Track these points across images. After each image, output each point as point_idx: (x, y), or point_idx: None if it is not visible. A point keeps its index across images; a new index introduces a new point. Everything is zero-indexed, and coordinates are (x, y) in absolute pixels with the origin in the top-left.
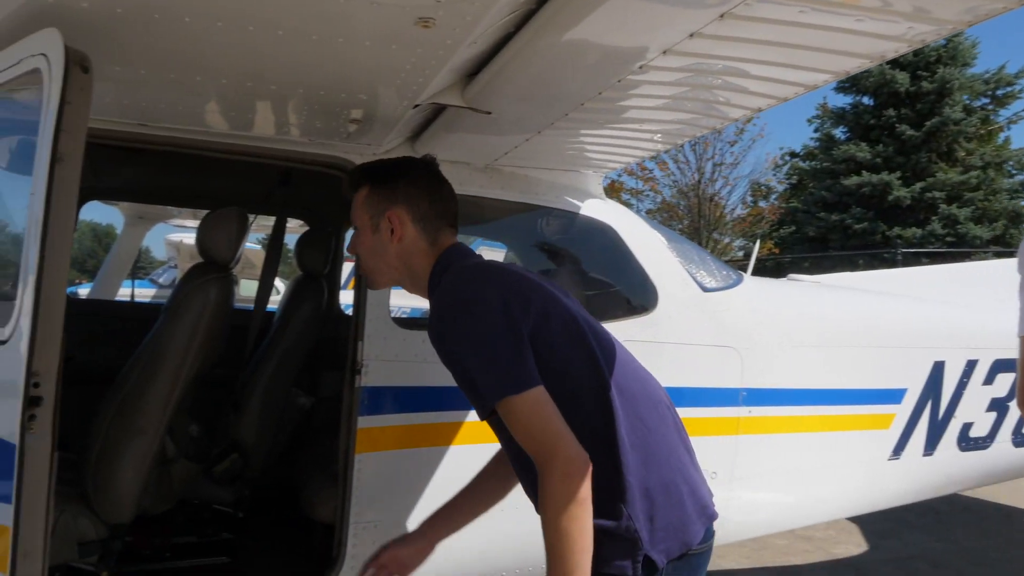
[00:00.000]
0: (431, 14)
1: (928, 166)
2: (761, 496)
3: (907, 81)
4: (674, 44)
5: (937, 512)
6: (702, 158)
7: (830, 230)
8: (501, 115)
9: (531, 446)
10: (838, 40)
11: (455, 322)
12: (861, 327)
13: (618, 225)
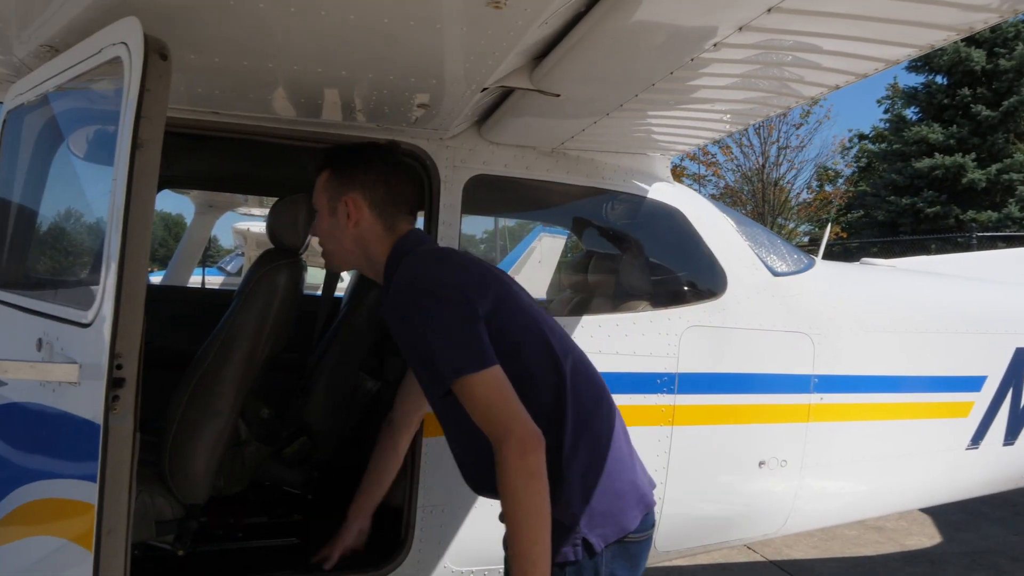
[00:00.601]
0: None
1: (1005, 147)
2: (831, 485)
3: (983, 59)
4: (751, 20)
5: (1014, 504)
6: (766, 142)
7: (900, 214)
8: (569, 97)
9: (488, 424)
10: (922, 11)
11: (416, 303)
12: (938, 312)
13: (686, 208)
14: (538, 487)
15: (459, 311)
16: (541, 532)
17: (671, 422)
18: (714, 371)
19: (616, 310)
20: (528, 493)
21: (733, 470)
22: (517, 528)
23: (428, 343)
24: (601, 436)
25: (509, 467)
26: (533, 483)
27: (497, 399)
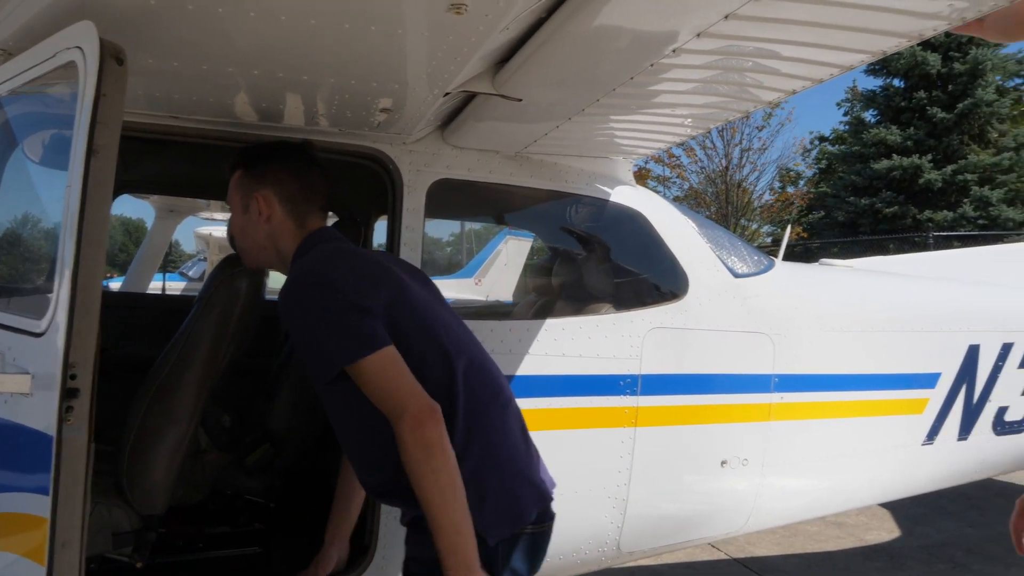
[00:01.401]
0: (463, 0)
1: (960, 148)
2: (792, 482)
3: (939, 62)
4: (708, 26)
5: (970, 498)
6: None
7: (860, 215)
8: (531, 102)
9: (386, 403)
10: (875, 19)
11: (307, 294)
12: (894, 311)
13: (648, 211)
14: (440, 457)
15: (348, 300)
16: (455, 501)
17: (634, 423)
18: (676, 372)
19: (580, 313)
20: (430, 465)
21: (696, 470)
22: (429, 503)
23: (318, 332)
24: (494, 435)
25: (406, 442)
26: (433, 454)
27: (390, 377)
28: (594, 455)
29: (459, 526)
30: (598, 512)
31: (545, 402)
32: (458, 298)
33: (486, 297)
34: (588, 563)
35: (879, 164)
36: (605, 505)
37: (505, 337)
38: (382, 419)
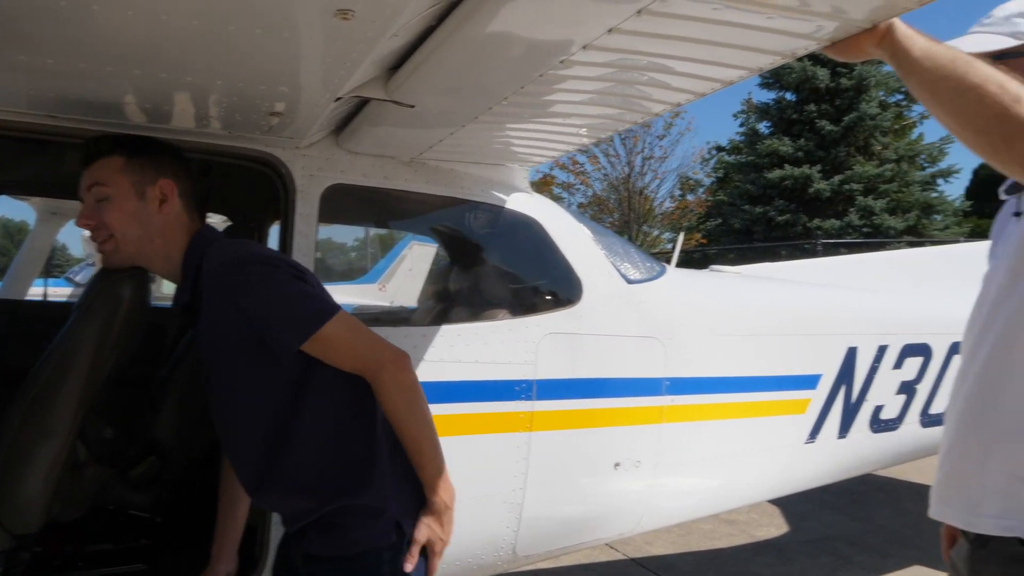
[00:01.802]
0: (350, 6)
1: (846, 160)
2: (685, 482)
3: (827, 77)
4: (593, 39)
5: (853, 492)
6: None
7: (754, 222)
8: (424, 109)
9: (362, 358)
10: (752, 37)
11: (255, 270)
12: (778, 316)
13: (543, 218)
14: (423, 398)
15: (295, 272)
16: (436, 438)
17: (530, 428)
18: (571, 377)
19: (476, 319)
20: (418, 405)
21: (590, 472)
22: (421, 444)
23: (279, 304)
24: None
25: (391, 389)
26: (418, 394)
27: (360, 332)
28: (490, 461)
29: (443, 464)
30: (494, 517)
31: (441, 408)
32: (361, 304)
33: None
34: (484, 568)
35: (772, 174)
36: (501, 510)
37: (401, 343)
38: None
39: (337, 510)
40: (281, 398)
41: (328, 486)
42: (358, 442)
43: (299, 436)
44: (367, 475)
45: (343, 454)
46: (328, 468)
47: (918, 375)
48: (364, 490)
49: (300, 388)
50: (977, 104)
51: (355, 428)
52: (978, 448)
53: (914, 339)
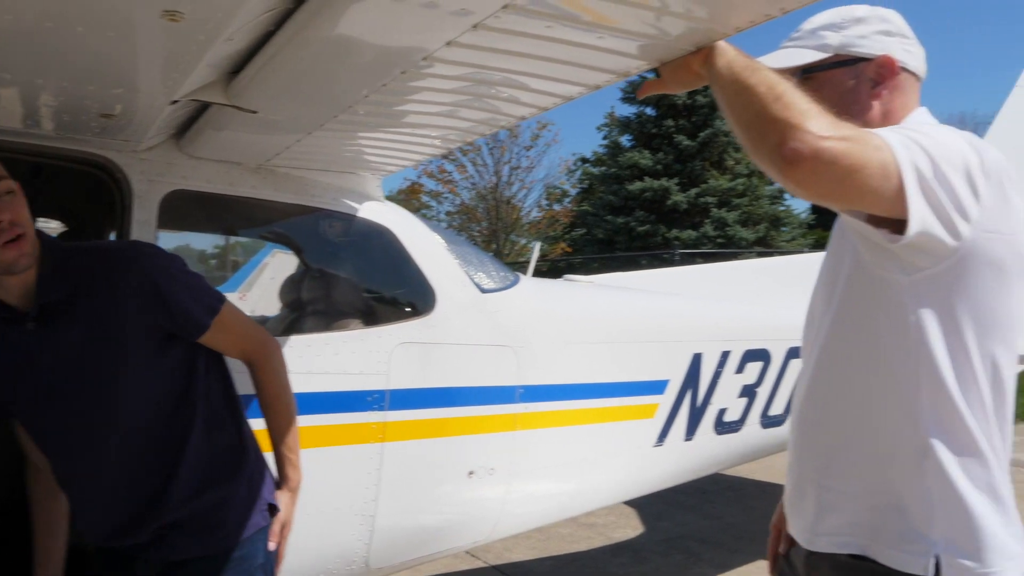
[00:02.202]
0: (178, 7)
1: (702, 173)
2: (540, 487)
3: (684, 94)
4: (433, 51)
5: (704, 492)
6: (499, 162)
7: (616, 232)
8: (267, 115)
9: (250, 339)
10: (586, 55)
11: (157, 263)
12: (628, 324)
13: (396, 227)
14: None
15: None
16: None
17: (382, 439)
18: (424, 386)
19: (327, 329)
20: (289, 384)
21: (443, 482)
22: (291, 420)
23: (187, 289)
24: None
25: (277, 365)
26: (288, 375)
27: (246, 318)
28: (341, 473)
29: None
30: (345, 530)
31: None
32: None
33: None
34: None
35: (633, 185)
36: (352, 522)
37: None
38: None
39: (213, 506)
40: (176, 389)
41: (205, 482)
42: (231, 430)
43: (195, 433)
44: (241, 461)
45: (219, 444)
46: (208, 462)
47: (758, 379)
48: (237, 478)
49: (191, 378)
50: (747, 101)
51: (228, 415)
52: (811, 464)
53: (754, 345)
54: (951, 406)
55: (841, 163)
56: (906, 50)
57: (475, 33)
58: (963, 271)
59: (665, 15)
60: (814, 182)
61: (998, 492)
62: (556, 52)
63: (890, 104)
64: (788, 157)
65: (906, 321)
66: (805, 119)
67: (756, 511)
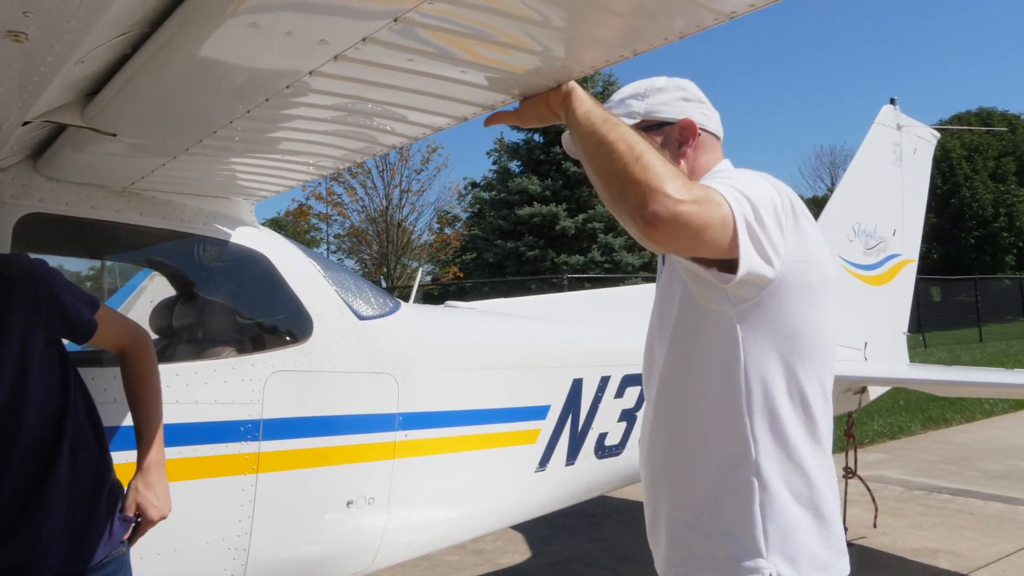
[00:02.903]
0: (21, 28)
1: (589, 199)
2: (422, 515)
3: None
4: (296, 80)
5: (591, 515)
6: (390, 185)
7: (506, 256)
8: (128, 138)
9: (125, 335)
10: (450, 88)
11: (47, 271)
12: (508, 350)
13: (271, 253)
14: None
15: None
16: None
17: (256, 470)
18: (300, 415)
19: (197, 357)
20: (159, 376)
21: (321, 513)
22: (157, 413)
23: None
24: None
25: (152, 356)
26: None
27: (114, 310)
28: (212, 506)
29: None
30: (217, 564)
31: None
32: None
33: None
34: None
35: (522, 210)
36: (224, 557)
37: (109, 385)
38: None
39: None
40: (54, 402)
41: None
42: (94, 449)
43: (64, 450)
44: (103, 480)
45: (84, 462)
46: (73, 479)
47: (637, 403)
48: (99, 497)
49: (65, 392)
50: (608, 158)
51: (92, 433)
52: (660, 496)
53: (633, 369)
54: (777, 427)
55: (694, 224)
56: (703, 114)
57: (336, 64)
58: (780, 297)
59: (524, 52)
60: (670, 241)
61: (819, 508)
62: (420, 84)
63: (695, 162)
64: (648, 219)
65: (734, 348)
66: (663, 182)
67: (641, 533)
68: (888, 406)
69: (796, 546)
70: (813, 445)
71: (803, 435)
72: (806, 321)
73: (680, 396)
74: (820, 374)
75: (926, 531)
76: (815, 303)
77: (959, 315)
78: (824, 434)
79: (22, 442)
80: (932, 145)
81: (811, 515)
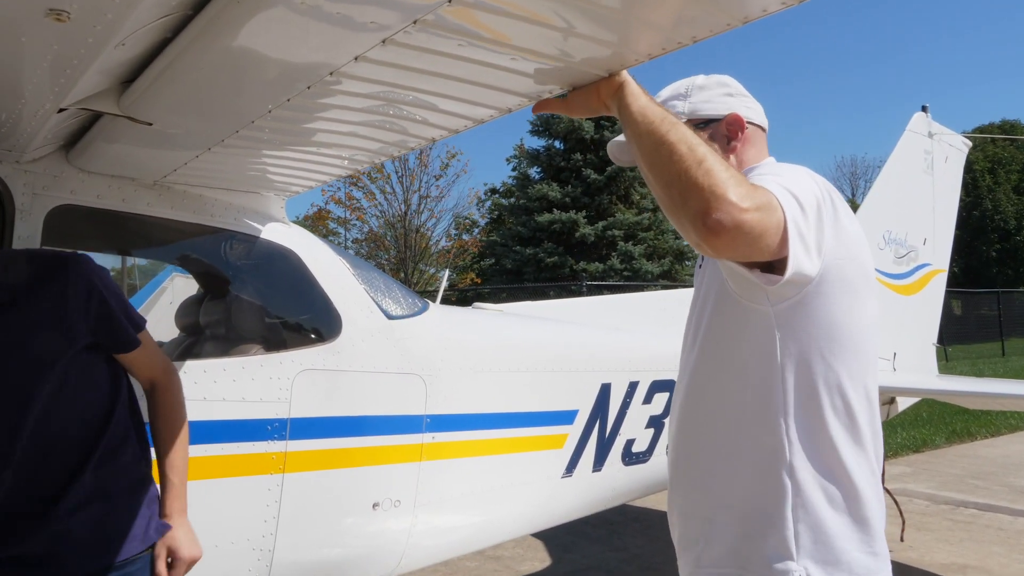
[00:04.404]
0: (63, 6)
1: (609, 207)
2: (444, 520)
3: (592, 129)
4: (340, 66)
5: (611, 524)
6: (409, 190)
7: (525, 263)
8: (164, 128)
9: (158, 367)
10: (498, 77)
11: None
12: (537, 353)
13: (301, 250)
14: None
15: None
16: None
17: (282, 470)
18: (328, 415)
19: (226, 354)
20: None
21: (347, 514)
22: (186, 448)
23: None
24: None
25: (180, 393)
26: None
27: (154, 340)
28: (238, 505)
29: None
30: (242, 564)
31: None
32: None
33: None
34: None
35: (542, 217)
36: (249, 557)
37: None
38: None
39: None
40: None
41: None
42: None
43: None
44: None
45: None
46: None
47: (665, 409)
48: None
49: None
50: (668, 159)
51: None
52: (693, 496)
53: (662, 375)
54: (814, 428)
55: (755, 232)
56: (747, 107)
57: (384, 49)
58: (818, 293)
59: (575, 37)
60: (730, 248)
61: (860, 512)
62: (468, 72)
63: (743, 155)
64: (712, 227)
65: (771, 347)
66: (727, 189)
67: (662, 542)
68: (911, 419)
69: (829, 549)
70: (854, 447)
71: (843, 437)
72: (846, 317)
73: (714, 395)
74: (863, 373)
75: (954, 546)
76: (855, 297)
77: (981, 329)
78: (867, 436)
79: (62, 435)
80: (963, 154)
81: (848, 519)
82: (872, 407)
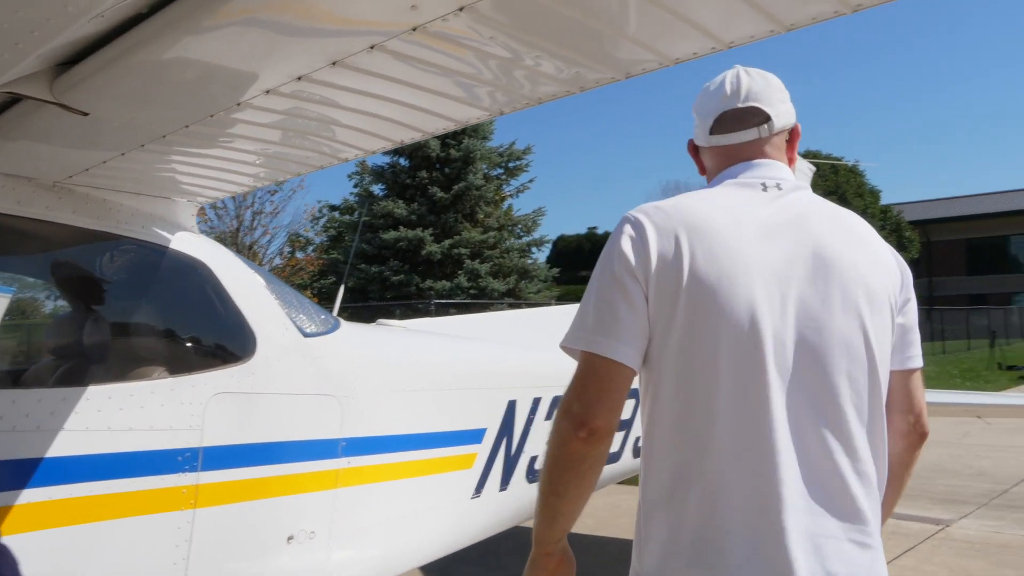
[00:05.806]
0: None
1: (455, 225)
2: (360, 550)
3: (438, 147)
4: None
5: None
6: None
7: (369, 281)
8: (101, 119)
9: None
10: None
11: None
12: (448, 371)
13: (213, 262)
14: None
15: None
16: None
17: (193, 504)
18: (243, 442)
19: (129, 378)
20: None
21: (261, 551)
22: None
23: None
24: None
25: None
26: None
27: None
28: (145, 547)
29: None
30: None
31: (84, 489)
32: None
33: None
34: None
35: (387, 235)
36: None
37: (32, 411)
38: None
39: None
40: None
41: None
42: None
43: None
44: None
45: None
46: None
47: None
48: None
49: None
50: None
51: None
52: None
53: (561, 391)
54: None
55: (597, 409)
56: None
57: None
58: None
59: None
60: (614, 421)
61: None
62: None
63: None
64: (590, 437)
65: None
66: (566, 436)
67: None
68: None
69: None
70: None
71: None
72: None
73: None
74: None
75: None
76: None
77: None
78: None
79: None
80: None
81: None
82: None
